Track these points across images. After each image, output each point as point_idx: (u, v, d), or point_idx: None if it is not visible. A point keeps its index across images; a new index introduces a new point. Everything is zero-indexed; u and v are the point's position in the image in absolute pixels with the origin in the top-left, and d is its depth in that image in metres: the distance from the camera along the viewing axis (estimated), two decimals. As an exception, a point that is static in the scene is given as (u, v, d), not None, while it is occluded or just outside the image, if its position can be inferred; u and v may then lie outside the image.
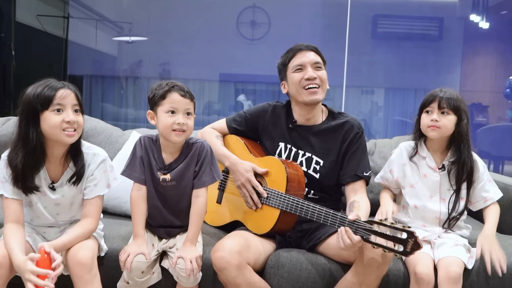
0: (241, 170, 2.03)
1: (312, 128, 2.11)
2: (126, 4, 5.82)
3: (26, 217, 1.87)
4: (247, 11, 5.41)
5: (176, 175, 1.88)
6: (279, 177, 1.96)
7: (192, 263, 1.77)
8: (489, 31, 5.43)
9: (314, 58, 2.06)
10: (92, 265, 1.72)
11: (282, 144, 2.12)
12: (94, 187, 1.82)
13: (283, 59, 2.12)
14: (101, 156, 1.85)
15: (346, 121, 2.10)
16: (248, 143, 2.18)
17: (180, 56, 5.49)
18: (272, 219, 1.94)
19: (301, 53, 2.07)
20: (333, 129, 2.09)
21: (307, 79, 2.03)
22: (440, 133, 2.01)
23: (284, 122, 2.14)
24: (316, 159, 2.06)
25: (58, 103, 1.70)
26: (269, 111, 2.19)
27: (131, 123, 5.50)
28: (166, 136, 1.84)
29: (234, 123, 2.23)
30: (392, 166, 2.13)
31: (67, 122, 1.71)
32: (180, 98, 1.81)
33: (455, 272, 1.81)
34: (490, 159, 5.33)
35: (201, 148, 1.89)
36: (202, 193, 1.88)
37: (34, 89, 1.71)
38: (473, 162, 2.03)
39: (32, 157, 1.72)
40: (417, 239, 1.58)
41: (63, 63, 5.30)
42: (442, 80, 5.34)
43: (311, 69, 2.04)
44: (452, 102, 1.98)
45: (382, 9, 5.49)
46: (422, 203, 2.04)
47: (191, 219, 1.87)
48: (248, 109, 2.26)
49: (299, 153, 2.09)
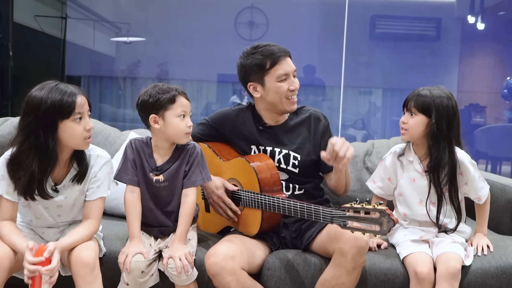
0: (212, 187, 2.01)
1: (282, 127, 2.12)
2: (124, 4, 5.82)
3: (25, 218, 1.88)
4: (245, 11, 5.41)
5: (169, 176, 1.90)
6: (251, 177, 1.97)
7: (181, 260, 1.78)
8: (487, 31, 5.43)
9: (293, 65, 2.04)
10: (95, 265, 1.72)
11: (254, 146, 2.12)
12: (97, 189, 1.83)
13: (258, 61, 2.00)
14: (105, 158, 1.86)
15: (311, 114, 2.13)
16: (215, 146, 2.17)
17: (178, 57, 5.49)
18: (257, 221, 1.95)
19: (283, 60, 2.01)
20: (301, 124, 2.12)
21: (292, 90, 2.02)
22: (409, 136, 1.99)
23: (252, 125, 2.12)
24: (294, 155, 2.07)
25: (78, 111, 1.70)
26: (232, 116, 2.16)
27: (129, 123, 5.49)
28: (176, 139, 1.89)
29: (197, 130, 2.20)
30: (389, 173, 2.10)
31: (88, 130, 1.73)
32: (187, 102, 1.89)
33: (454, 267, 1.80)
34: (487, 159, 5.34)
35: (193, 150, 1.93)
36: (191, 192, 1.91)
37: (48, 95, 1.66)
38: (456, 162, 1.96)
39: (48, 164, 1.72)
40: (390, 215, 1.58)
41: (61, 64, 5.29)
42: (439, 80, 5.34)
43: (293, 78, 2.04)
44: (420, 103, 1.94)
45: (380, 10, 5.50)
46: (412, 211, 2.03)
47: (180, 217, 1.89)
48: (210, 116, 2.23)
49: (275, 151, 2.08)
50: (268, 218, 1.94)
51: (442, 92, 1.97)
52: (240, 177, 2.03)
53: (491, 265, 1.92)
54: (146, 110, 1.87)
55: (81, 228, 1.80)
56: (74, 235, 1.76)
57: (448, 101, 1.95)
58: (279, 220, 2.01)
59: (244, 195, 1.98)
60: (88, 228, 1.80)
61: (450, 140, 1.95)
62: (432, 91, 1.97)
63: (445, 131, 1.93)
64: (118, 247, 1.92)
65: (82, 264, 1.69)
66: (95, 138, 2.61)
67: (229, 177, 2.07)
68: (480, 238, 2.04)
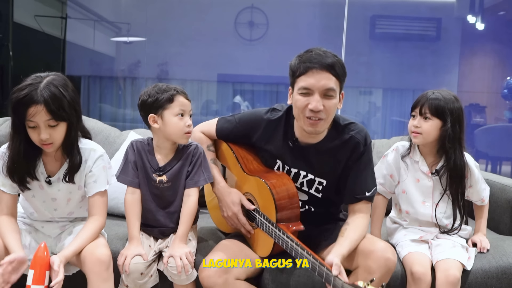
0: (228, 202, 1.93)
1: (314, 147, 1.86)
2: (124, 4, 5.82)
3: (27, 211, 1.90)
4: (245, 11, 5.41)
5: (172, 176, 1.90)
6: (268, 203, 1.83)
7: (182, 259, 1.78)
8: (487, 31, 5.44)
9: (326, 83, 1.70)
10: (110, 263, 1.73)
11: (279, 162, 1.93)
12: (94, 184, 1.83)
13: (293, 66, 1.77)
14: (98, 152, 1.85)
15: (351, 137, 1.84)
16: (239, 152, 2.02)
17: (178, 57, 5.49)
18: (268, 246, 1.86)
19: (312, 72, 1.70)
20: (336, 149, 1.85)
21: (311, 110, 1.72)
22: (422, 139, 1.97)
23: (281, 139, 1.91)
24: (319, 180, 1.90)
25: (30, 120, 1.66)
26: (263, 124, 1.94)
27: (129, 123, 5.50)
28: (176, 139, 1.88)
29: (224, 128, 2.04)
30: (392, 170, 2.10)
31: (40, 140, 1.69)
32: (186, 101, 1.88)
33: (454, 276, 1.80)
34: (487, 159, 5.34)
35: (195, 151, 1.93)
36: (194, 192, 1.91)
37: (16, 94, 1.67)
38: (465, 166, 1.97)
39: (31, 148, 1.73)
40: None
41: (61, 64, 5.29)
42: (440, 80, 5.34)
43: (319, 97, 1.71)
44: (434, 107, 1.93)
45: (380, 10, 5.50)
46: (414, 210, 2.03)
47: (182, 217, 1.89)
48: (241, 116, 2.02)
49: (300, 174, 1.90)
50: (279, 247, 1.81)
51: (451, 95, 1.97)
52: (258, 197, 1.91)
53: (491, 266, 1.92)
54: (145, 109, 1.88)
55: (85, 229, 1.80)
56: (79, 240, 1.75)
57: (458, 104, 1.96)
58: None
59: (259, 218, 1.86)
60: (91, 227, 1.80)
61: (461, 143, 1.97)
62: (443, 94, 1.95)
63: (458, 133, 1.94)
64: (118, 247, 1.92)
65: (99, 261, 1.69)
66: (95, 138, 2.60)
67: (247, 191, 1.97)
68: (480, 237, 2.05)
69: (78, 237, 1.77)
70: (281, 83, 5.43)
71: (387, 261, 1.69)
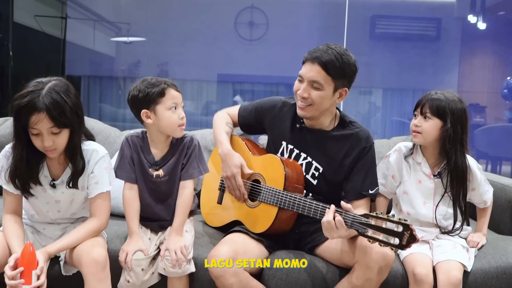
0: (230, 163, 2.03)
1: (319, 133, 2.02)
2: (124, 4, 5.82)
3: (28, 213, 1.90)
4: (245, 11, 5.41)
5: (168, 170, 1.91)
6: (277, 175, 1.95)
7: (177, 253, 1.78)
8: (487, 31, 5.43)
9: (313, 76, 1.88)
10: (106, 263, 1.72)
11: (284, 143, 2.07)
12: (96, 185, 1.82)
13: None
14: (100, 153, 1.84)
15: (354, 133, 1.98)
16: (248, 142, 2.18)
17: (178, 57, 5.48)
18: (270, 217, 1.93)
19: (308, 63, 1.90)
20: (337, 139, 1.99)
21: (299, 95, 1.94)
22: (422, 139, 1.97)
23: (289, 121, 2.07)
24: (316, 165, 2.00)
25: (33, 127, 1.66)
26: (277, 107, 2.12)
27: (129, 123, 5.49)
28: (170, 132, 1.89)
29: (245, 110, 2.22)
30: (393, 171, 2.10)
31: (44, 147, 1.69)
32: (177, 93, 1.88)
33: (455, 277, 1.80)
34: (487, 159, 5.34)
35: (190, 142, 1.94)
36: (189, 184, 1.93)
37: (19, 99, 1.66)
38: (467, 168, 1.97)
39: (34, 153, 1.73)
40: (413, 232, 1.54)
41: (61, 64, 5.29)
42: (440, 80, 5.34)
43: (307, 86, 1.90)
44: (435, 107, 1.93)
45: (380, 10, 5.50)
46: (415, 211, 2.03)
47: (177, 210, 1.90)
48: (261, 100, 2.21)
49: (300, 155, 2.02)
50: (280, 217, 1.92)
51: (455, 96, 1.96)
52: (266, 172, 2.02)
53: (491, 266, 1.92)
54: (137, 105, 1.87)
55: (81, 227, 1.79)
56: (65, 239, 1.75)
57: (461, 105, 1.95)
58: (289, 227, 1.98)
59: (265, 189, 1.97)
60: (86, 227, 1.79)
61: (463, 145, 1.96)
62: (445, 94, 1.96)
63: (460, 135, 1.94)
64: (117, 246, 1.92)
65: (94, 261, 1.69)
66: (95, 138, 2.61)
67: (256, 171, 2.06)
68: (478, 237, 2.05)
69: (69, 234, 1.76)
70: (281, 83, 5.43)
71: (385, 255, 1.71)
